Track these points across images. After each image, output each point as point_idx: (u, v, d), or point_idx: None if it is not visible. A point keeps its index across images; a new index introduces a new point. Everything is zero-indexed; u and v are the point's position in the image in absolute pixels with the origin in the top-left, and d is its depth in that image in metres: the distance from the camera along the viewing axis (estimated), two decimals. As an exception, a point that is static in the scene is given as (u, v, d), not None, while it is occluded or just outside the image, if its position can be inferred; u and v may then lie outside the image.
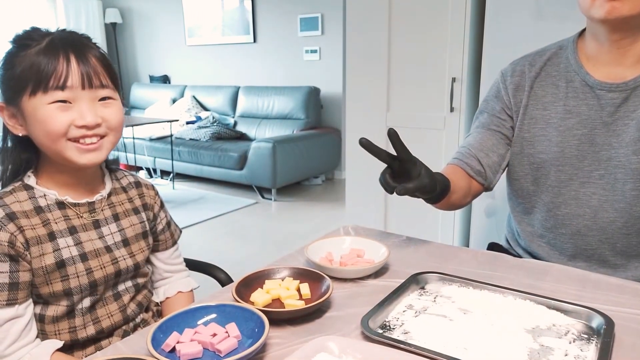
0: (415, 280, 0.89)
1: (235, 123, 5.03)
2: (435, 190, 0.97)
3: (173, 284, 1.07)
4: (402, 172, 0.92)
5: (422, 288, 0.89)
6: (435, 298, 0.84)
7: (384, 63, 2.27)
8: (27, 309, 0.81)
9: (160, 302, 1.06)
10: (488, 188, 1.17)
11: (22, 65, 0.79)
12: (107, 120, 0.84)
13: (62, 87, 0.79)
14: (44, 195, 0.85)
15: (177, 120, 4.78)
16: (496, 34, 1.94)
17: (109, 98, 0.85)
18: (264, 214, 3.86)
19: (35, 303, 0.84)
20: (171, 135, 4.61)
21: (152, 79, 6.19)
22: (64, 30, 0.84)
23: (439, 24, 2.11)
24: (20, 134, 0.84)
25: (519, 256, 1.18)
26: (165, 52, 6.02)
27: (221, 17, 5.32)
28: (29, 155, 0.87)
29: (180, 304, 1.04)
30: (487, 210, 2.05)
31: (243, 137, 4.83)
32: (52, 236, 0.83)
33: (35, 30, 0.82)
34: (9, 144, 0.87)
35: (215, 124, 4.86)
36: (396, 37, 2.23)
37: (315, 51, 4.72)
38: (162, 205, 1.06)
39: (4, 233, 0.78)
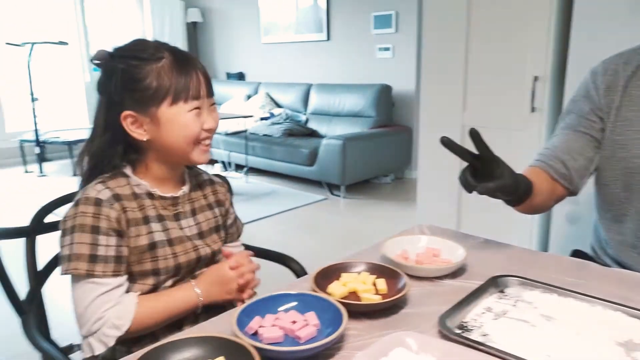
0: (495, 283, 0.87)
1: (307, 120, 5.11)
2: (517, 191, 0.94)
3: None
4: (484, 172, 0.90)
5: (502, 291, 0.86)
6: (515, 302, 0.82)
7: (461, 60, 2.21)
8: (125, 282, 0.90)
9: None
10: (573, 192, 1.11)
11: (157, 77, 0.87)
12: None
13: (198, 97, 0.90)
14: (138, 184, 0.94)
15: (252, 117, 4.93)
16: (584, 30, 1.83)
17: (214, 104, 0.96)
18: (332, 210, 3.90)
19: None
20: (245, 131, 4.76)
21: (229, 75, 6.42)
22: (163, 42, 0.92)
23: (521, 19, 2.02)
24: (145, 139, 0.91)
25: (607, 266, 1.12)
26: (241, 49, 6.21)
27: (295, 15, 5.41)
28: (137, 157, 0.94)
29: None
30: (570, 216, 1.94)
31: (314, 134, 4.89)
32: (146, 220, 0.92)
33: (143, 42, 0.91)
34: (109, 145, 0.92)
35: (287, 121, 4.96)
36: (475, 34, 2.16)
37: (388, 49, 4.69)
38: (231, 202, 1.13)
39: (113, 211, 0.87)
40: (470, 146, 0.91)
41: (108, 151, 0.92)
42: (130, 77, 0.88)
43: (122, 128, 0.90)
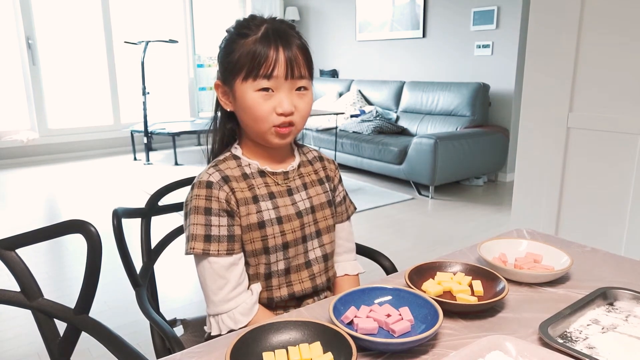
0: (603, 295, 0.82)
1: (398, 118, 5.06)
2: None
3: (341, 264, 1.13)
4: None
5: (611, 304, 0.81)
6: (627, 317, 0.77)
7: (570, 58, 2.07)
8: (240, 260, 0.94)
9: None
10: None
11: (240, 51, 0.89)
12: (299, 110, 0.92)
13: (269, 77, 0.87)
14: (249, 164, 0.97)
15: (343, 114, 4.98)
16: None
17: (304, 88, 0.92)
18: (420, 210, 3.83)
19: None
20: (336, 128, 4.82)
21: (322, 73, 6.52)
22: (275, 19, 0.93)
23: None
24: (229, 110, 0.96)
25: None
26: (336, 47, 6.29)
27: (391, 12, 5.37)
28: (232, 126, 1.00)
29: (347, 286, 1.10)
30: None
31: (404, 132, 4.83)
32: (255, 199, 0.95)
33: (253, 19, 0.93)
34: (219, 117, 1.00)
35: (377, 118, 4.95)
36: (588, 30, 2.01)
37: (487, 46, 4.50)
38: (340, 179, 1.13)
39: (222, 192, 0.91)
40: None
41: (224, 127, 0.99)
42: (225, 49, 0.92)
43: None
